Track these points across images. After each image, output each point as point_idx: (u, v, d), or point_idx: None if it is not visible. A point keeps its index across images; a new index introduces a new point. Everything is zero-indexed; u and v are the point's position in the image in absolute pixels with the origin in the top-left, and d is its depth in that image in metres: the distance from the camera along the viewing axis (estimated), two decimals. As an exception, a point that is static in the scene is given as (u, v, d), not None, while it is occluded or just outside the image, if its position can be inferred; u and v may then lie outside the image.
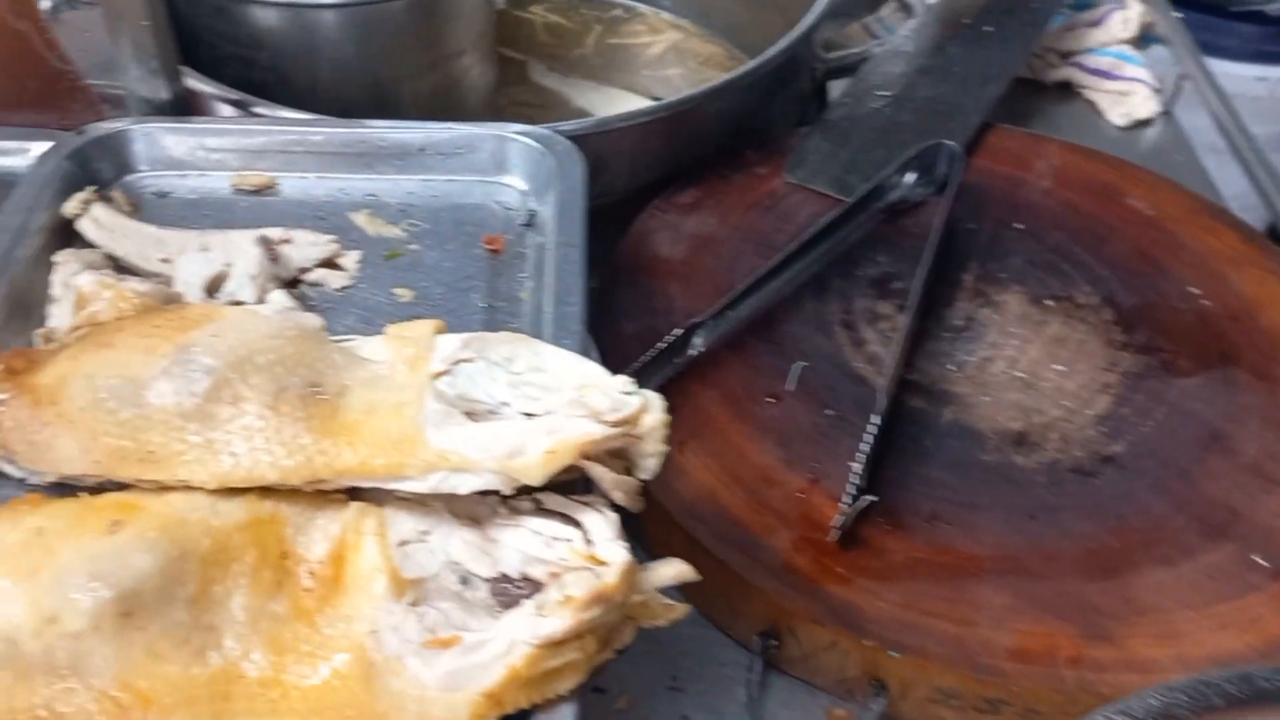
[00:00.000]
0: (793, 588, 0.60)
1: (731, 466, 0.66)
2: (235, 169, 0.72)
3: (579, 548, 0.46)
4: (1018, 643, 0.58)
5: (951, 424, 0.69)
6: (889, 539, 0.63)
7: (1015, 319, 0.76)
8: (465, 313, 0.65)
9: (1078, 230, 0.83)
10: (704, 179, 0.85)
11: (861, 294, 0.77)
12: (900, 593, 0.60)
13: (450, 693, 0.43)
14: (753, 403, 0.70)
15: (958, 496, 0.65)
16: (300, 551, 0.46)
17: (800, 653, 0.61)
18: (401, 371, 0.50)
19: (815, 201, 0.84)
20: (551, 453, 0.46)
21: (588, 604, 0.43)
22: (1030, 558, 0.62)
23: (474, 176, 0.74)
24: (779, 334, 0.74)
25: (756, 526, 0.63)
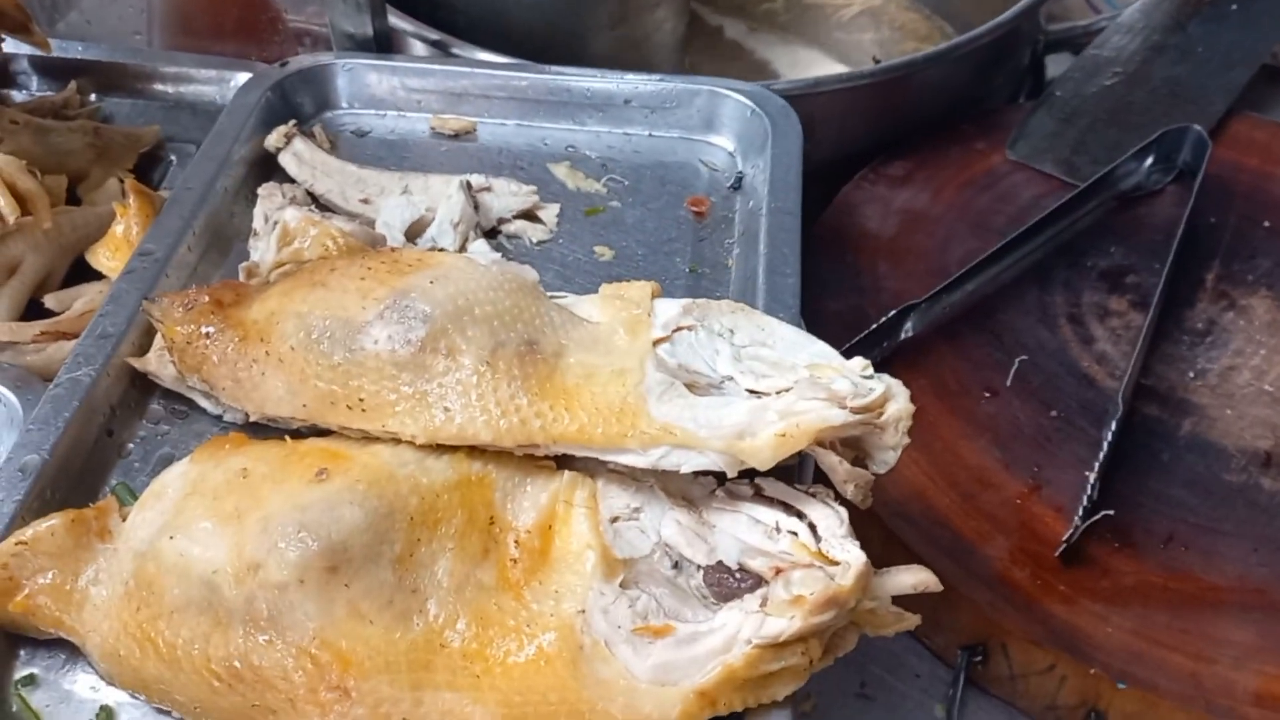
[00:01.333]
0: (1008, 601, 0.55)
1: (943, 464, 0.61)
2: (435, 111, 0.70)
3: (806, 542, 0.42)
4: (1262, 686, 0.52)
5: (1191, 437, 0.62)
6: (1119, 559, 0.57)
7: (1264, 326, 0.68)
8: (668, 277, 0.61)
9: (1335, 231, 0.74)
10: (916, 151, 0.80)
11: (1090, 287, 0.71)
12: (1130, 619, 0.54)
13: (661, 686, 0.39)
14: (967, 397, 0.64)
15: (1197, 518, 0.58)
16: (508, 518, 0.43)
17: (1009, 673, 0.56)
18: (621, 335, 0.46)
19: (1039, 182, 0.78)
20: (784, 436, 0.42)
21: (820, 607, 0.39)
22: (1279, 593, 0.55)
23: (679, 133, 0.70)
24: (997, 324, 0.68)
25: (969, 532, 0.58)
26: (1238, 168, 0.79)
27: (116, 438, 0.51)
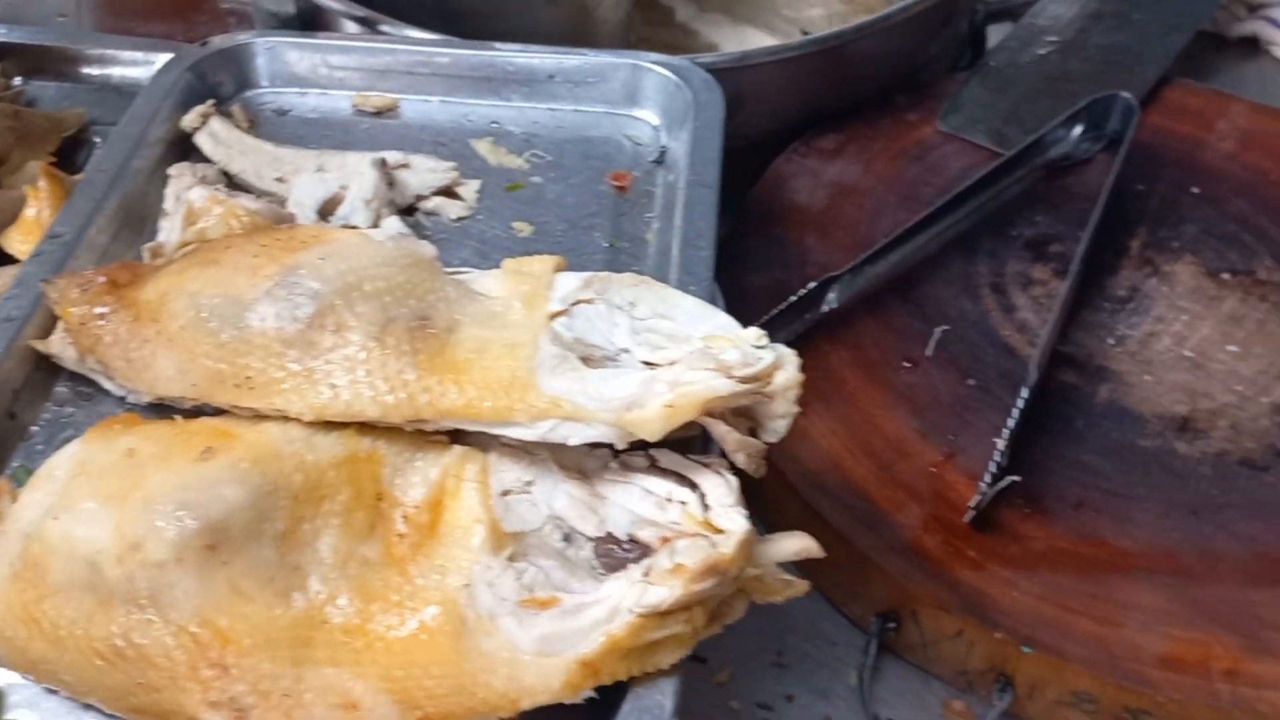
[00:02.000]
0: (919, 569, 0.55)
1: (861, 434, 0.61)
2: (357, 88, 0.70)
3: (694, 512, 0.42)
4: (1168, 649, 0.52)
5: (1107, 404, 0.63)
6: (1029, 525, 0.57)
7: (1186, 292, 0.69)
8: (586, 252, 0.61)
9: (1264, 198, 0.74)
10: (849, 124, 0.80)
11: (1015, 256, 0.71)
12: (1038, 584, 0.55)
13: (544, 657, 0.39)
14: (888, 367, 0.64)
15: (1110, 484, 0.59)
16: (396, 494, 0.43)
17: (921, 639, 0.56)
18: (517, 309, 0.46)
19: (969, 153, 0.78)
20: (671, 407, 0.42)
21: (700, 574, 0.39)
22: (1189, 557, 0.56)
23: (604, 108, 0.69)
24: (921, 295, 0.68)
25: (884, 501, 0.58)
26: (1169, 135, 0.79)
27: (19, 420, 0.51)
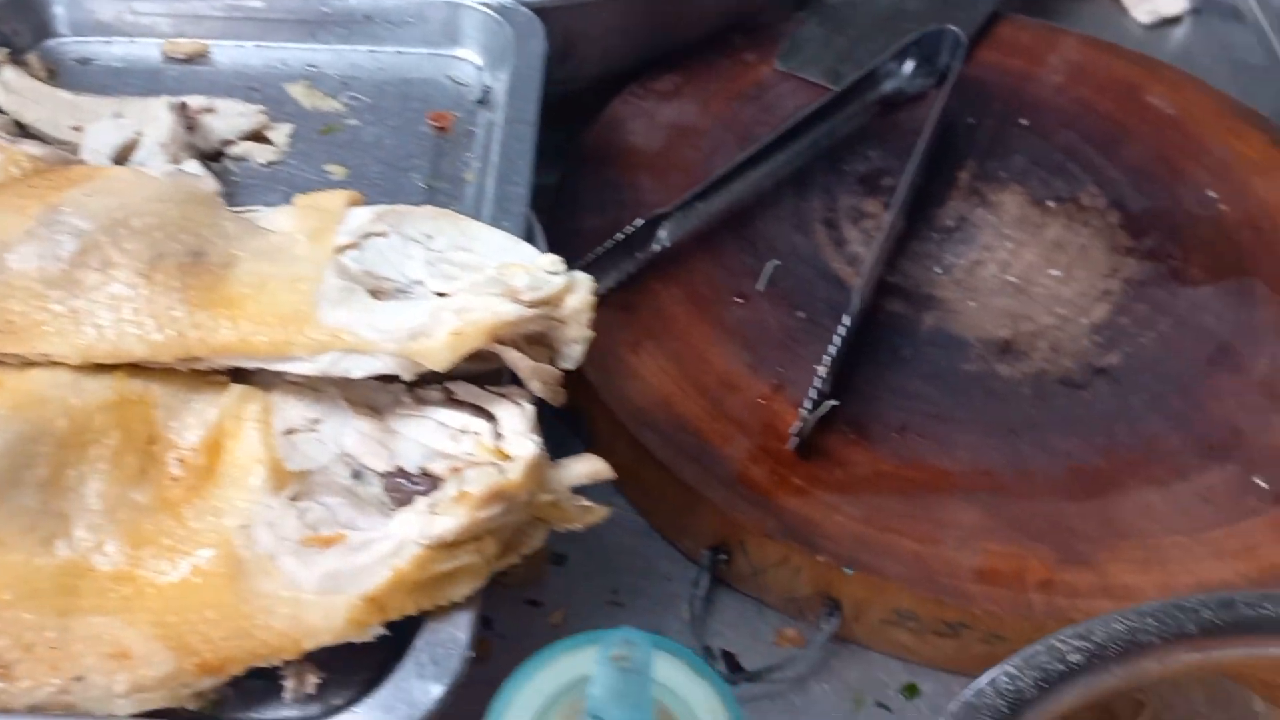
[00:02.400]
0: (744, 499, 0.55)
1: (690, 370, 0.61)
2: (166, 35, 0.67)
3: (486, 442, 0.41)
4: (984, 564, 0.53)
5: (933, 330, 0.63)
6: (854, 451, 0.58)
7: (1012, 221, 0.70)
8: (403, 193, 0.59)
9: (1090, 129, 0.76)
10: (686, 65, 0.79)
11: (848, 191, 0.71)
12: (861, 508, 0.55)
13: (328, 596, 0.38)
14: (719, 303, 0.64)
15: (933, 408, 0.60)
16: (171, 437, 0.41)
17: (750, 569, 0.56)
18: (301, 243, 0.45)
19: (806, 92, 0.78)
20: (458, 334, 0.41)
21: (485, 501, 0.38)
22: (1006, 475, 0.57)
23: (425, 49, 0.68)
24: (754, 231, 0.68)
25: (712, 435, 0.58)
26: (1001, 69, 0.80)
27: None
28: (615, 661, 0.23)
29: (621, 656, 0.23)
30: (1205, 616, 0.39)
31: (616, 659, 0.23)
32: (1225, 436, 0.58)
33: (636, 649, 0.23)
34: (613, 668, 0.23)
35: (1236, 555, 0.54)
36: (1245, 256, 0.68)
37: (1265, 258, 0.68)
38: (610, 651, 0.23)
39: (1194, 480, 0.57)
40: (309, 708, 0.41)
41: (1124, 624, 0.39)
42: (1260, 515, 0.55)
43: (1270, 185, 0.72)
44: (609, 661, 0.23)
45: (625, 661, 0.23)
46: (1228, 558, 0.54)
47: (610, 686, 0.23)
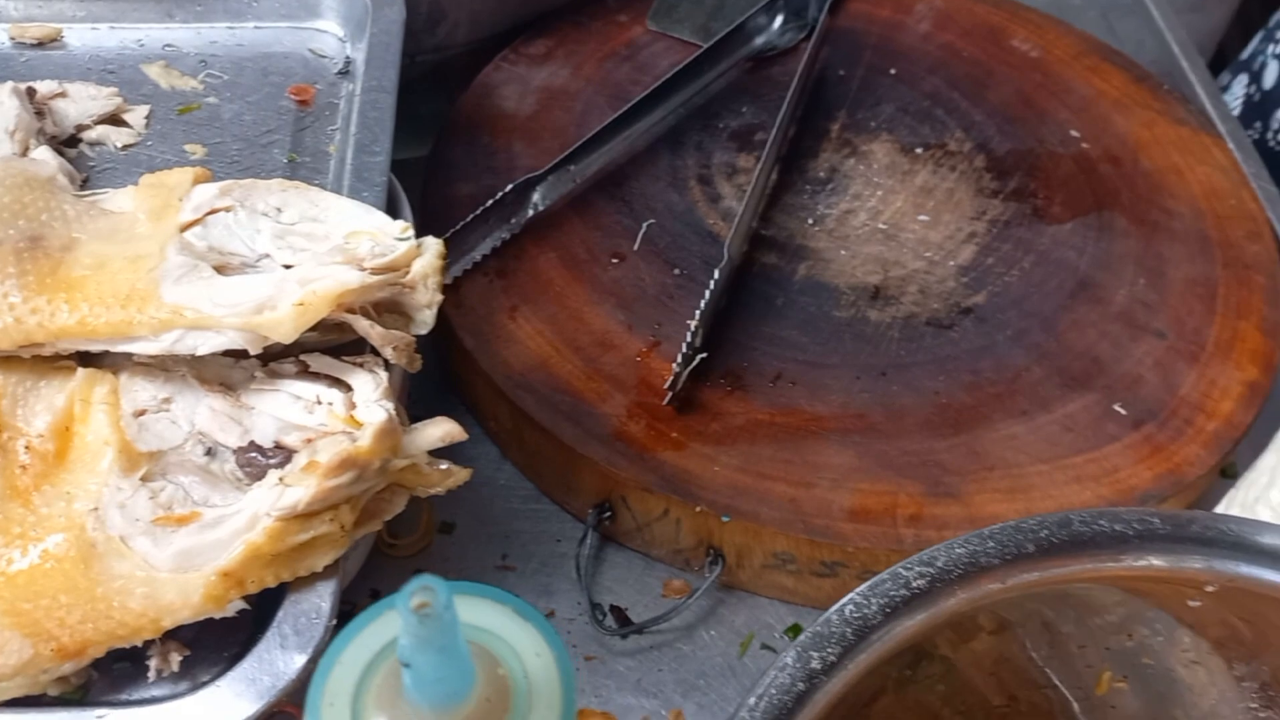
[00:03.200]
0: (622, 456, 0.56)
1: (567, 332, 0.61)
2: (14, 19, 0.65)
3: (339, 411, 0.41)
4: (856, 503, 0.55)
5: (805, 280, 0.65)
6: (729, 402, 0.59)
7: (882, 169, 0.71)
8: (264, 169, 0.59)
9: (956, 75, 0.77)
10: (558, 28, 0.79)
11: (721, 147, 0.72)
12: (738, 456, 0.56)
13: (183, 573, 0.38)
14: (595, 264, 0.65)
15: (806, 355, 0.61)
16: (19, 425, 0.40)
17: (634, 524, 0.57)
18: (143, 222, 0.44)
19: (678, 51, 0.78)
20: (302, 305, 0.41)
21: (333, 470, 0.38)
22: (877, 416, 0.58)
23: (284, 23, 0.67)
24: (628, 191, 0.69)
25: (589, 394, 0.58)
26: (870, 19, 0.81)
27: None
28: (416, 610, 0.24)
29: (422, 604, 0.23)
30: (1043, 536, 0.41)
31: (418, 607, 0.24)
32: (1086, 367, 0.60)
33: (436, 595, 0.23)
34: (414, 616, 0.24)
35: (1097, 479, 0.56)
36: (1105, 191, 0.70)
37: (1124, 191, 0.70)
38: (410, 601, 0.23)
39: (1056, 411, 0.59)
40: (178, 685, 0.41)
41: (966, 548, 0.40)
42: (1119, 440, 0.57)
43: (1129, 120, 0.74)
44: (409, 611, 0.23)
45: (427, 608, 0.24)
46: (1088, 482, 0.56)
47: (415, 634, 0.24)
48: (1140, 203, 0.69)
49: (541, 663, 0.28)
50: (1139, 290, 0.64)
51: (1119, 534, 0.41)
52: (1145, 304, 0.63)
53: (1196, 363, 0.60)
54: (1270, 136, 0.78)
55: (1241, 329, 0.62)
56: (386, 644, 0.27)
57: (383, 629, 0.27)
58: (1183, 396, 0.59)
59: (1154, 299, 0.64)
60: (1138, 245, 0.67)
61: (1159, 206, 0.69)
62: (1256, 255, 0.66)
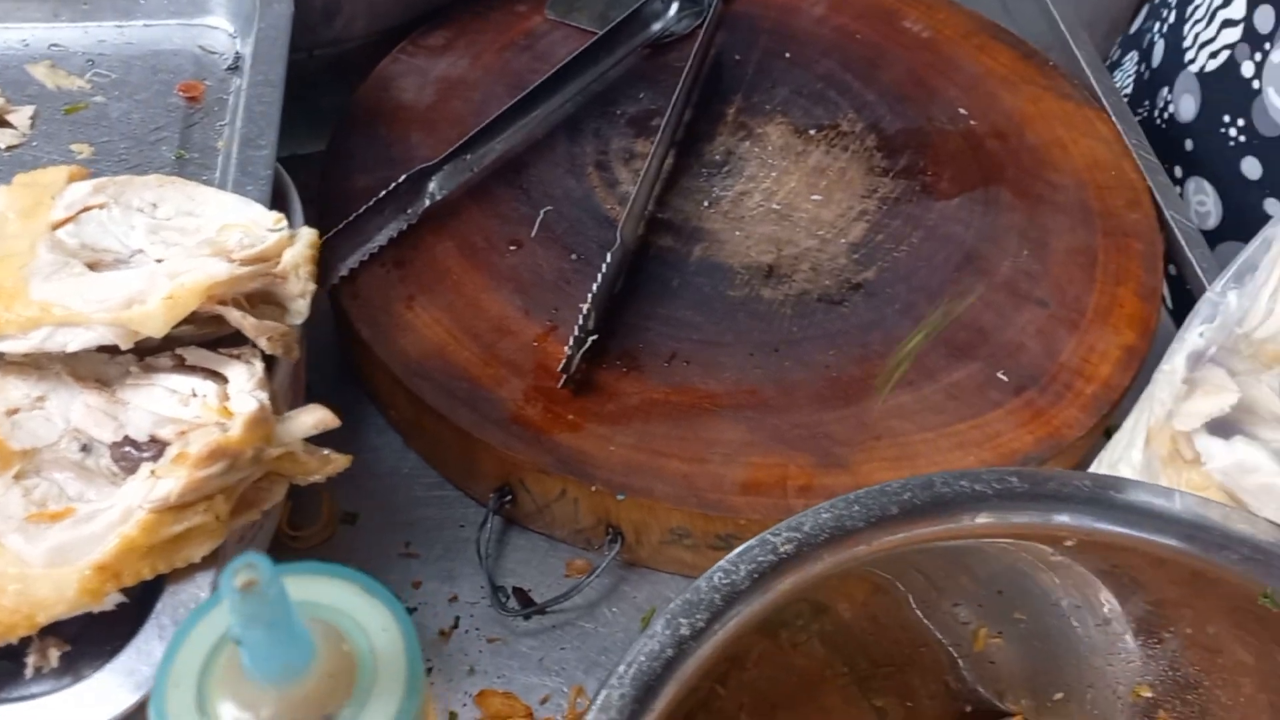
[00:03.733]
0: (519, 439, 0.57)
1: (464, 319, 0.62)
2: (-110, 23, 0.64)
3: (213, 403, 0.42)
4: (748, 476, 0.56)
5: (700, 261, 0.66)
6: (625, 382, 0.60)
7: (776, 151, 0.72)
8: (151, 167, 0.58)
9: (849, 57, 0.79)
10: (457, 19, 0.79)
11: (619, 133, 0.73)
12: (632, 435, 0.57)
13: (57, 568, 0.38)
14: (493, 252, 0.65)
15: (701, 335, 0.62)
16: (-114, 428, 0.40)
17: (534, 506, 0.58)
18: (13, 222, 0.44)
19: (577, 39, 0.79)
20: (171, 299, 0.41)
21: (203, 461, 0.39)
22: (769, 391, 0.59)
23: (173, 20, 0.66)
24: (527, 179, 0.69)
25: (485, 379, 0.59)
26: (765, 4, 0.83)
27: None
28: (242, 588, 0.24)
29: (249, 581, 0.24)
30: (907, 498, 0.42)
31: (244, 585, 0.24)
32: (971, 337, 0.62)
33: (260, 571, 0.24)
34: (237, 593, 0.24)
35: (980, 444, 0.57)
36: (991, 166, 0.72)
37: (1010, 165, 0.72)
38: (234, 579, 0.24)
39: (942, 380, 0.60)
40: (60, 681, 0.41)
41: (832, 513, 0.41)
42: (1001, 406, 0.59)
43: (1015, 96, 0.76)
44: (233, 589, 0.24)
45: (253, 585, 0.24)
46: (971, 448, 0.57)
47: (240, 611, 0.24)
48: (1025, 176, 0.71)
49: (388, 638, 0.28)
50: (1023, 261, 0.66)
51: (979, 493, 0.42)
52: (1028, 274, 0.65)
53: (1076, 329, 0.62)
54: (1158, 115, 0.80)
55: (1120, 295, 0.64)
56: (223, 635, 0.28)
57: (220, 620, 0.27)
58: (1063, 362, 0.61)
59: (1037, 269, 0.65)
60: (1022, 218, 0.68)
61: (1043, 179, 0.71)
62: (1135, 223, 0.68)
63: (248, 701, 0.27)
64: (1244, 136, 0.72)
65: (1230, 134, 0.74)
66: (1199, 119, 0.79)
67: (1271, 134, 0.73)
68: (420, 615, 0.57)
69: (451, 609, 0.57)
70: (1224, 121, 0.76)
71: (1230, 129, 0.74)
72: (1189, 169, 0.78)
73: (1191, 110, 0.78)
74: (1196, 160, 0.76)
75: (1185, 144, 0.78)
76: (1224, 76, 0.77)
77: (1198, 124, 0.77)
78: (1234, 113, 0.76)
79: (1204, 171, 0.76)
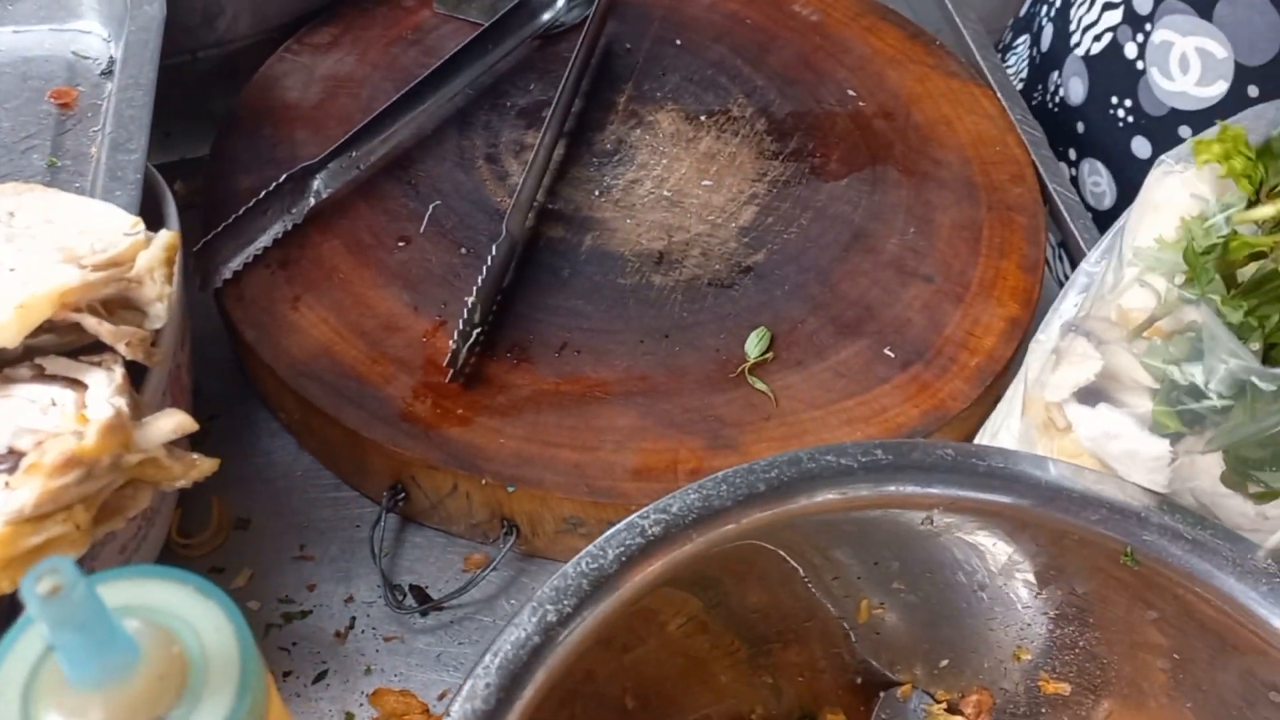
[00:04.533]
0: (408, 436, 0.56)
1: (351, 318, 0.61)
2: None
3: (70, 411, 0.41)
4: (639, 462, 0.56)
5: (591, 250, 0.66)
6: (515, 374, 0.59)
7: (667, 138, 0.72)
8: (22, 175, 0.57)
9: (739, 42, 0.79)
10: (343, 15, 0.78)
11: (509, 125, 0.72)
12: (523, 426, 0.57)
13: (-90, 585, 0.37)
14: (381, 249, 0.65)
15: (591, 323, 0.62)
16: None
17: (428, 503, 0.58)
18: None
19: (466, 32, 0.78)
20: (24, 307, 0.40)
21: (57, 470, 0.38)
22: (660, 376, 0.60)
23: (45, 26, 0.65)
24: (415, 174, 0.69)
25: (374, 378, 0.59)
26: (658, -7, 0.83)
27: None
28: (47, 594, 0.24)
29: (52, 587, 0.24)
30: (773, 475, 0.43)
31: (49, 590, 0.24)
32: (859, 314, 0.63)
33: (63, 575, 0.24)
34: (38, 599, 0.24)
35: (867, 420, 0.58)
36: (879, 146, 0.72)
37: (897, 144, 0.73)
38: (35, 585, 0.24)
39: (830, 359, 0.61)
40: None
41: (700, 493, 0.42)
42: (888, 382, 0.60)
43: (902, 75, 0.77)
44: (37, 595, 0.24)
45: (58, 590, 0.24)
46: (858, 424, 0.58)
47: (45, 616, 0.24)
48: (911, 154, 0.72)
49: (220, 638, 0.28)
50: (909, 238, 0.67)
51: (846, 467, 0.43)
52: (915, 251, 0.66)
53: (961, 303, 0.63)
54: (1049, 98, 0.81)
55: (1003, 268, 0.65)
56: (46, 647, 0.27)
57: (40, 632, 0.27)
58: (948, 336, 0.62)
59: (923, 245, 0.66)
60: (909, 195, 0.69)
61: (929, 157, 0.72)
62: (1019, 197, 0.69)
63: (72, 708, 0.26)
64: (1132, 117, 0.74)
65: (1119, 115, 0.75)
66: (1088, 101, 0.80)
67: (1158, 113, 0.74)
68: (315, 618, 0.57)
69: (348, 610, 0.57)
70: (1112, 103, 0.77)
71: (1119, 110, 0.76)
72: (1082, 151, 0.79)
73: (1080, 93, 0.79)
74: (1089, 142, 0.78)
75: (1077, 126, 0.80)
76: (1109, 59, 0.79)
77: (1087, 106, 0.79)
78: (1121, 94, 0.77)
79: (1097, 153, 0.77)
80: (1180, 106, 0.71)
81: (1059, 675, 0.48)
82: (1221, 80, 0.68)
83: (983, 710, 0.50)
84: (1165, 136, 0.75)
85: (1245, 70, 0.68)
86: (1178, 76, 0.70)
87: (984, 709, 0.50)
